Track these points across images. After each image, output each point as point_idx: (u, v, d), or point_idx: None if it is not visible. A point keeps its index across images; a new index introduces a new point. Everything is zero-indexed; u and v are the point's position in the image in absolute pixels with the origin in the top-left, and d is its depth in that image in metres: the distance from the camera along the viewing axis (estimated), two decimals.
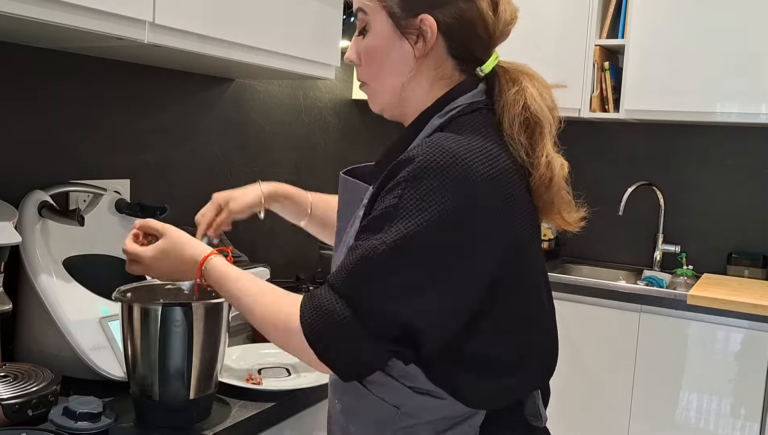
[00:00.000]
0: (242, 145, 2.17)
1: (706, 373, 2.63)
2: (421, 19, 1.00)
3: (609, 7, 3.00)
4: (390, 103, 1.09)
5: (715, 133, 3.17)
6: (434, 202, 0.90)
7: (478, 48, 1.04)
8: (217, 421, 1.24)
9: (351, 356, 0.95)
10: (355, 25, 1.08)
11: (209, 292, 1.18)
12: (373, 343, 0.93)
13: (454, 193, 0.91)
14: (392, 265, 0.91)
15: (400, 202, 0.91)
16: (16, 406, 1.14)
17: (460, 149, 0.93)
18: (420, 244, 0.90)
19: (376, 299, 0.92)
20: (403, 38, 1.02)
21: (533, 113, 1.00)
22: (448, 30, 1.01)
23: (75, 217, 1.37)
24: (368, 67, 1.07)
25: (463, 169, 0.92)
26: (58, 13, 1.15)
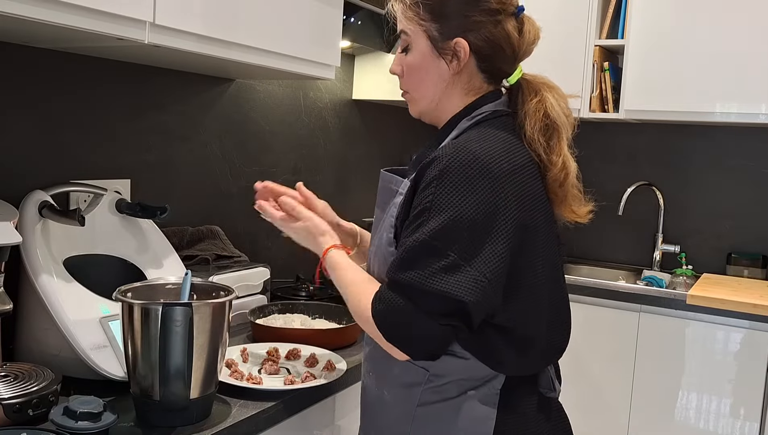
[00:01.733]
0: (242, 145, 2.17)
1: (705, 373, 2.63)
2: (455, 42, 1.17)
3: (609, 7, 3.00)
4: (427, 109, 1.25)
5: (715, 133, 3.17)
6: (461, 197, 1.07)
7: (504, 64, 1.21)
8: (217, 421, 1.24)
9: (412, 335, 1.10)
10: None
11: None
12: (426, 319, 1.08)
13: (477, 188, 1.07)
14: (431, 251, 1.07)
15: (433, 199, 1.09)
16: (17, 405, 1.14)
17: (480, 149, 1.10)
18: (452, 232, 1.07)
19: (422, 280, 1.07)
20: (440, 58, 1.19)
21: (552, 120, 1.17)
22: (479, 50, 1.18)
23: (75, 217, 1.37)
24: (409, 79, 1.24)
25: (482, 165, 1.08)
26: (58, 13, 1.15)
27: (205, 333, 1.19)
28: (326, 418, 1.55)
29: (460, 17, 1.17)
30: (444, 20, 1.18)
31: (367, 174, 2.85)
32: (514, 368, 1.17)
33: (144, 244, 1.58)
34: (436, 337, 1.10)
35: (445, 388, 1.17)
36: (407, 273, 1.08)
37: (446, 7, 1.17)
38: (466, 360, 1.15)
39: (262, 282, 1.90)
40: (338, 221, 1.51)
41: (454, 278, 1.06)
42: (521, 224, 1.10)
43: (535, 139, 1.16)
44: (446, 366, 1.16)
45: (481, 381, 1.16)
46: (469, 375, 1.16)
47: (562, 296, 1.24)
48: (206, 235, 1.93)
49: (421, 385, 1.17)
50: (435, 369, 1.16)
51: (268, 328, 1.71)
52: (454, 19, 1.17)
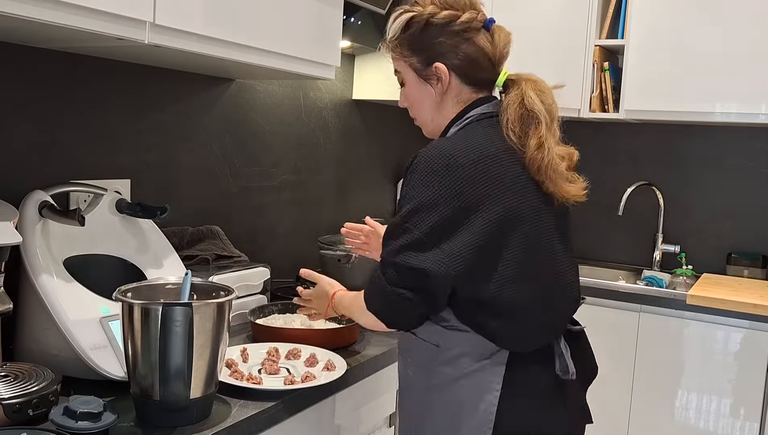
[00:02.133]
0: (242, 145, 2.17)
1: (705, 373, 2.63)
2: (435, 67, 1.32)
3: (609, 8, 3.00)
4: (433, 129, 1.40)
5: (715, 133, 3.17)
6: (426, 184, 1.22)
7: (484, 72, 1.33)
8: (217, 421, 1.24)
9: (388, 306, 1.25)
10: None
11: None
12: (397, 291, 1.22)
13: (440, 176, 1.21)
14: (401, 231, 1.22)
15: (406, 190, 1.25)
16: (17, 405, 1.14)
17: (449, 145, 1.25)
18: (418, 215, 1.21)
19: (392, 255, 1.23)
20: (426, 84, 1.35)
21: (528, 109, 1.27)
22: (457, 68, 1.32)
23: (75, 217, 1.37)
24: (412, 108, 1.41)
25: (447, 157, 1.22)
26: (58, 13, 1.15)
27: (205, 333, 1.19)
28: (326, 418, 1.55)
29: (433, 45, 1.31)
30: (421, 52, 1.33)
31: (367, 174, 2.85)
32: (510, 342, 1.27)
33: (144, 244, 1.58)
34: (405, 307, 1.23)
35: (456, 361, 1.29)
36: (383, 251, 1.25)
37: (420, 41, 1.32)
38: (467, 332, 1.28)
39: (262, 282, 1.90)
40: None
41: (419, 253, 1.20)
42: (490, 206, 1.21)
43: (509, 127, 1.27)
44: (452, 339, 1.29)
45: (488, 354, 1.27)
46: (475, 348, 1.28)
47: (556, 274, 1.31)
48: (206, 235, 1.93)
49: (435, 360, 1.31)
50: (444, 343, 1.30)
51: (268, 328, 1.71)
52: (428, 49, 1.32)
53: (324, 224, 2.59)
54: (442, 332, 1.30)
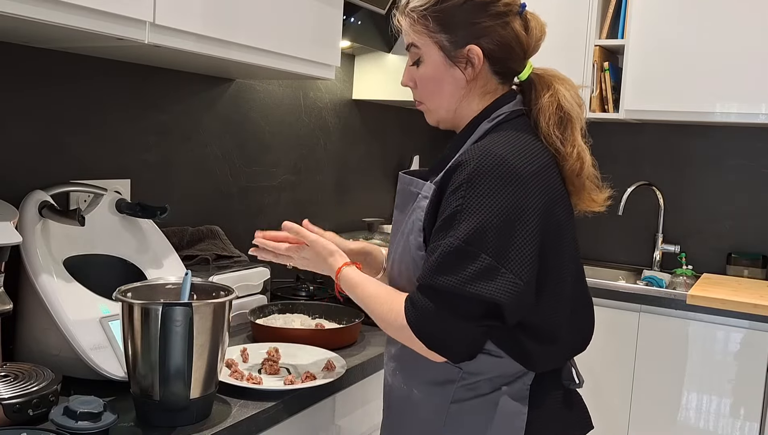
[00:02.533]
0: (242, 145, 2.17)
1: (705, 373, 2.63)
2: (468, 49, 1.18)
3: (609, 7, 3.00)
4: (445, 117, 1.27)
5: (715, 133, 3.17)
6: (491, 201, 1.09)
7: (515, 63, 1.23)
8: (217, 421, 1.24)
9: (451, 339, 1.12)
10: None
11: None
12: (464, 323, 1.11)
13: (506, 191, 1.09)
14: (465, 254, 1.09)
15: (463, 202, 1.10)
16: (17, 405, 1.14)
17: (506, 152, 1.12)
18: (484, 235, 1.08)
19: (458, 285, 1.08)
20: (454, 66, 1.20)
21: (566, 111, 1.20)
22: (491, 54, 1.19)
23: (75, 217, 1.37)
24: (424, 90, 1.25)
25: (510, 169, 1.10)
26: (58, 13, 1.15)
27: (205, 333, 1.19)
28: (326, 418, 1.55)
29: (470, 24, 1.17)
30: (454, 30, 1.18)
31: (367, 174, 2.85)
32: (543, 364, 1.22)
33: (144, 244, 1.58)
34: (474, 339, 1.14)
35: (478, 385, 1.20)
36: (442, 278, 1.10)
37: (455, 17, 1.17)
38: (499, 358, 1.19)
39: (262, 282, 1.90)
40: (347, 246, 1.49)
41: (489, 281, 1.08)
42: (548, 224, 1.13)
43: (550, 134, 1.19)
44: (480, 364, 1.19)
45: (513, 377, 1.20)
46: (501, 372, 1.20)
47: (584, 291, 1.29)
48: (206, 235, 1.93)
49: (454, 383, 1.21)
50: (468, 367, 1.20)
51: (268, 328, 1.71)
52: (464, 28, 1.18)
53: (324, 224, 2.59)
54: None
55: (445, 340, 1.13)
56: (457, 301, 1.10)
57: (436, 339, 1.13)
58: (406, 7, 1.22)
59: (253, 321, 1.74)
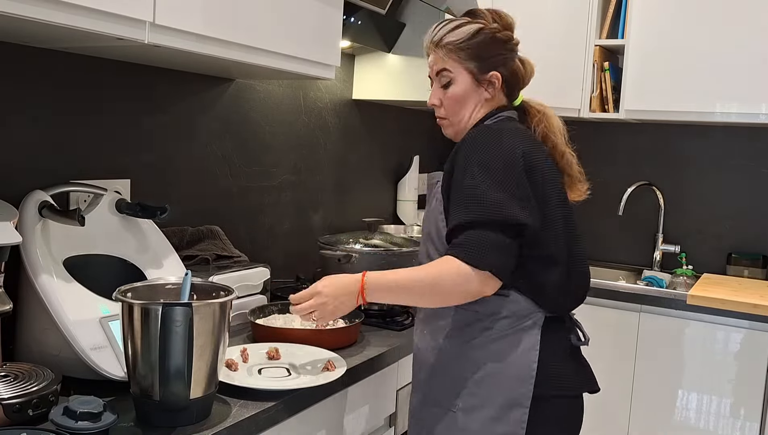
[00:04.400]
0: (242, 145, 2.17)
1: (706, 373, 2.63)
2: (491, 75, 1.50)
3: (609, 7, 3.00)
4: (464, 129, 1.53)
5: (715, 133, 3.17)
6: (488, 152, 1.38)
7: (516, 88, 1.55)
8: (217, 421, 1.24)
9: (502, 258, 1.34)
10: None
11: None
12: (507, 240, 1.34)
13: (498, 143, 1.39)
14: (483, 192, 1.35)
15: (466, 159, 1.39)
16: (17, 405, 1.14)
17: (493, 125, 1.47)
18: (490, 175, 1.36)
19: (489, 213, 1.33)
20: (480, 87, 1.51)
21: (552, 131, 1.55)
22: (506, 79, 1.52)
23: (75, 217, 1.37)
24: (451, 108, 1.53)
25: (496, 132, 1.43)
26: (58, 13, 1.15)
27: (205, 333, 1.19)
28: (326, 418, 1.55)
29: (494, 55, 1.49)
30: (482, 59, 1.49)
31: (367, 174, 2.85)
32: (550, 300, 1.43)
33: (144, 244, 1.58)
34: (513, 255, 1.36)
35: (494, 324, 1.42)
36: (473, 213, 1.34)
37: (483, 50, 1.49)
38: (507, 297, 1.41)
39: (262, 282, 1.90)
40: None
41: (509, 207, 1.33)
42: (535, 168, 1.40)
43: (541, 135, 1.53)
44: (492, 304, 1.42)
45: (525, 317, 1.42)
46: (512, 311, 1.42)
47: (581, 249, 1.51)
48: (206, 235, 1.93)
49: (473, 324, 1.44)
50: (483, 309, 1.43)
51: (268, 328, 1.71)
52: (489, 58, 1.49)
53: (324, 224, 2.59)
54: (483, 298, 1.39)
55: (496, 259, 1.33)
56: (493, 225, 1.33)
57: (489, 261, 1.33)
58: (441, 41, 1.49)
59: (253, 321, 1.74)
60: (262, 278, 1.89)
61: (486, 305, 1.42)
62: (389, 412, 1.83)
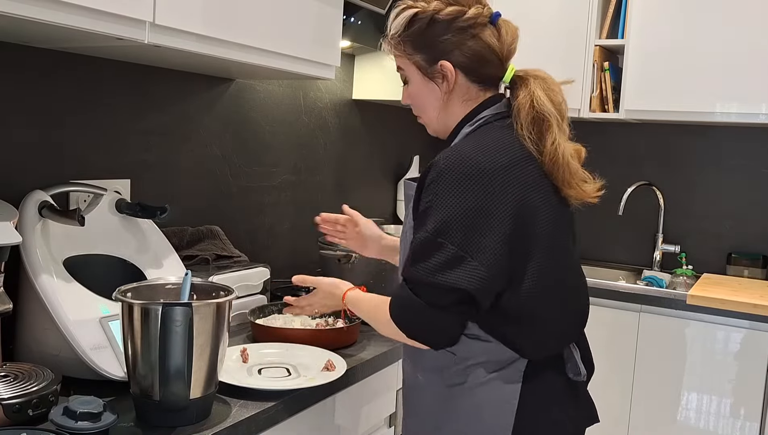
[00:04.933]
0: (242, 145, 2.17)
1: (706, 373, 2.63)
2: (440, 65, 1.28)
3: (609, 7, 3.00)
4: (438, 128, 1.37)
5: (715, 133, 3.17)
6: (456, 195, 1.17)
7: (492, 69, 1.30)
8: (217, 421, 1.24)
9: (428, 327, 1.21)
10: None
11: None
12: (437, 311, 1.19)
13: (470, 185, 1.17)
14: (434, 247, 1.17)
15: (432, 199, 1.19)
16: (17, 405, 1.14)
17: (471, 150, 1.21)
18: (451, 228, 1.16)
19: (427, 274, 1.17)
20: (431, 81, 1.31)
21: (539, 111, 1.24)
22: (463, 66, 1.28)
23: (75, 217, 1.37)
24: (416, 106, 1.37)
25: (474, 165, 1.18)
26: (58, 13, 1.15)
27: (205, 333, 1.19)
28: (326, 418, 1.55)
29: (438, 43, 1.28)
30: (425, 49, 1.29)
31: (367, 174, 2.85)
32: (532, 350, 1.26)
33: (144, 244, 1.58)
34: (447, 326, 1.21)
35: (471, 369, 1.27)
36: (414, 269, 1.19)
37: (424, 38, 1.28)
38: (488, 343, 1.26)
39: (262, 282, 1.90)
40: (381, 235, 1.69)
41: (456, 270, 1.16)
42: (516, 214, 1.19)
43: (523, 134, 1.25)
44: (471, 349, 1.26)
45: (506, 363, 1.26)
46: (493, 357, 1.26)
47: (575, 280, 1.34)
48: (206, 235, 1.93)
49: (450, 368, 1.28)
50: (461, 352, 1.27)
51: (268, 329, 1.71)
52: (433, 46, 1.28)
53: None
54: (462, 341, 1.26)
55: (423, 328, 1.22)
56: (429, 289, 1.18)
57: (412, 328, 1.22)
58: (388, 35, 1.33)
59: (253, 321, 1.74)
60: (262, 278, 1.89)
61: (461, 348, 1.27)
62: (389, 412, 1.83)
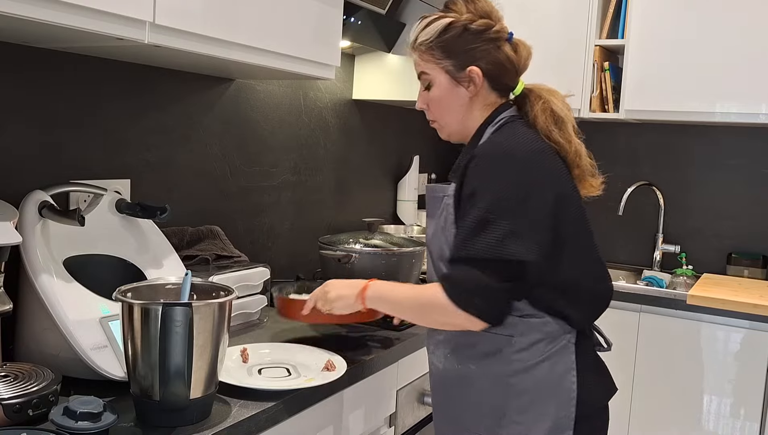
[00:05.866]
0: (242, 145, 2.17)
1: (705, 373, 2.63)
2: (469, 70, 1.40)
3: (609, 7, 3.00)
4: (456, 130, 1.48)
5: (715, 133, 3.17)
6: (500, 177, 1.30)
7: (509, 80, 1.45)
8: (217, 421, 1.24)
9: (487, 303, 1.30)
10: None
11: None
12: (495, 283, 1.28)
13: (510, 168, 1.31)
14: (487, 224, 1.28)
15: (477, 184, 1.31)
16: (17, 405, 1.14)
17: (506, 141, 1.36)
18: (501, 205, 1.28)
19: (489, 250, 1.27)
20: (459, 86, 1.42)
21: (557, 115, 1.41)
22: (489, 73, 1.42)
23: (75, 217, 1.37)
24: (436, 110, 1.47)
25: (511, 152, 1.33)
26: (58, 13, 1.15)
27: (205, 333, 1.19)
28: (326, 418, 1.55)
29: (469, 50, 1.40)
30: (456, 55, 1.40)
31: (367, 174, 2.85)
32: (579, 319, 1.39)
33: (144, 244, 1.58)
34: (503, 300, 1.31)
35: (531, 347, 1.36)
36: (471, 248, 1.28)
37: (456, 45, 1.40)
38: (541, 319, 1.36)
39: (262, 282, 1.90)
40: None
41: (514, 243, 1.27)
42: (555, 192, 1.33)
43: (549, 129, 1.40)
44: (528, 328, 1.36)
45: (558, 336, 1.38)
46: (547, 334, 1.37)
47: (601, 257, 1.49)
48: (206, 235, 1.93)
49: (508, 351, 1.37)
50: (518, 333, 1.36)
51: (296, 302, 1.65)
52: (465, 53, 1.40)
53: (324, 224, 2.59)
54: (516, 322, 1.36)
55: (482, 304, 1.29)
56: (489, 264, 1.27)
57: (471, 302, 1.29)
58: (416, 41, 1.43)
59: (284, 296, 1.76)
60: (262, 278, 1.89)
61: (518, 329, 1.36)
62: (389, 412, 1.83)
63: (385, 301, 1.44)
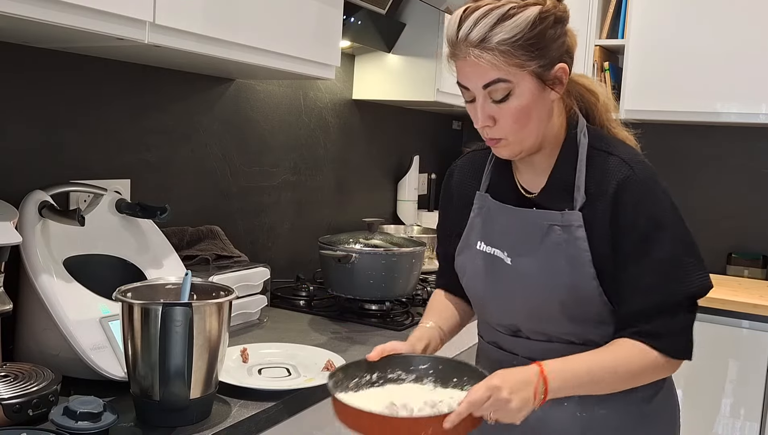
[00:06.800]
0: (242, 145, 2.17)
1: (706, 373, 2.63)
2: (558, 68, 1.16)
3: (609, 7, 3.00)
4: (531, 146, 1.22)
5: (715, 133, 3.17)
6: (672, 210, 1.19)
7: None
8: (217, 421, 1.24)
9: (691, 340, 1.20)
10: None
11: None
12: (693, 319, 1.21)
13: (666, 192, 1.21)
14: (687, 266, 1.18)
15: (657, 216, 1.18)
16: (17, 405, 1.14)
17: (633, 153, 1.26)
18: (685, 236, 1.19)
19: (692, 286, 1.18)
20: (549, 90, 1.17)
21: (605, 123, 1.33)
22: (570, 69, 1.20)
23: (75, 217, 1.37)
24: (514, 125, 1.17)
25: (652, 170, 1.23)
26: (58, 13, 1.15)
27: (205, 333, 1.19)
28: (326, 418, 1.55)
29: (559, 45, 1.16)
30: (545, 53, 1.13)
31: (367, 174, 2.85)
32: None
33: (144, 244, 1.58)
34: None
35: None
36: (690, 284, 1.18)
37: (545, 41, 1.13)
38: None
39: (262, 282, 1.90)
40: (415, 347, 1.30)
41: (703, 277, 1.19)
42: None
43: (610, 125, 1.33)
44: None
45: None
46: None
47: None
48: (206, 235, 1.93)
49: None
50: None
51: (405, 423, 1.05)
52: (553, 49, 1.14)
53: (324, 224, 2.59)
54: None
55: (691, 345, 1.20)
56: (693, 301, 1.19)
57: (691, 349, 1.20)
58: (486, 40, 1.11)
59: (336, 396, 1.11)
60: (262, 278, 1.89)
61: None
62: None
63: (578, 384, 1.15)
